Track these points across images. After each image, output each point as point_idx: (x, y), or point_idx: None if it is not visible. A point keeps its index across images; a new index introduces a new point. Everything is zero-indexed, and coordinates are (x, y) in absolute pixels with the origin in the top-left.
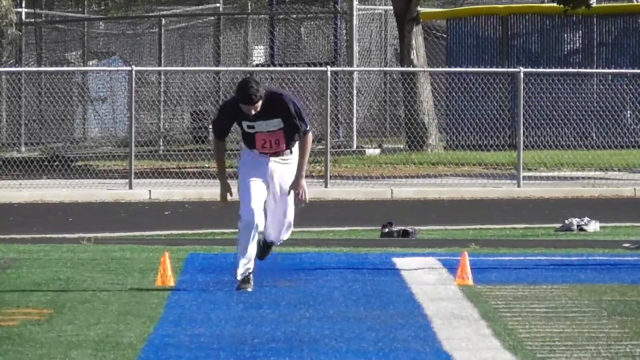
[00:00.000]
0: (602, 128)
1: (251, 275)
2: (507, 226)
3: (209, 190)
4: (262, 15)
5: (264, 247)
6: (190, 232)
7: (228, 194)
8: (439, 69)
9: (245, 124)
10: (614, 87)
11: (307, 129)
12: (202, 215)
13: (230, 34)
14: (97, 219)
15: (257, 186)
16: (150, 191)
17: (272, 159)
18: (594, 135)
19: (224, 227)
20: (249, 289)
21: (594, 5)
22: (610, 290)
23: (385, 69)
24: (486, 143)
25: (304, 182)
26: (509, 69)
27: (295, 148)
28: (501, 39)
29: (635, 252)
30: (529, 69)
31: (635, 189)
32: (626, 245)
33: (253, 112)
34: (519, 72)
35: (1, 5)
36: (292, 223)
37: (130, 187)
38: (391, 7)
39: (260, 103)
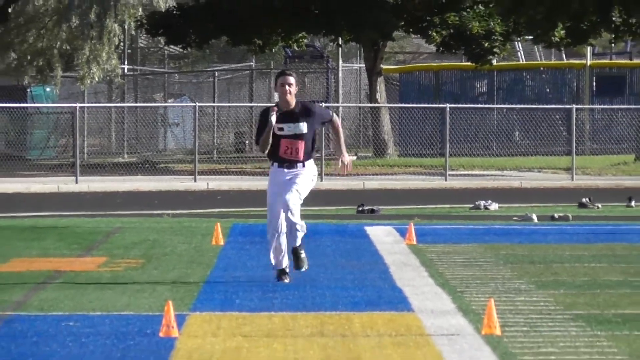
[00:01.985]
0: (500, 143)
1: (287, 270)
2: (438, 206)
3: (246, 183)
4: (280, 70)
5: (295, 257)
6: (233, 210)
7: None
8: (394, 105)
9: (276, 126)
10: (507, 116)
11: (332, 114)
12: (241, 199)
13: (259, 82)
14: (173, 202)
15: (276, 199)
16: (208, 183)
17: (287, 172)
18: (494, 147)
19: (256, 207)
20: (286, 281)
21: (495, 63)
22: (505, 248)
23: (360, 105)
24: (425, 153)
25: (347, 156)
26: (440, 105)
27: (308, 163)
28: (434, 86)
29: (520, 223)
30: (453, 105)
31: (521, 182)
32: (515, 218)
33: (288, 88)
34: (446, 107)
35: (111, 64)
36: (298, 227)
37: (195, 181)
38: (363, 65)
39: (294, 84)
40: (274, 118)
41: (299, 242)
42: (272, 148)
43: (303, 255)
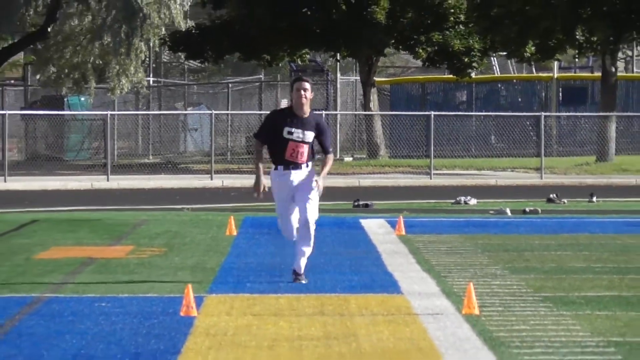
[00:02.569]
0: (478, 146)
1: (303, 272)
2: (424, 201)
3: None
4: (285, 82)
5: (295, 276)
6: (245, 204)
7: (260, 187)
8: (386, 112)
9: (286, 129)
10: (484, 123)
11: (330, 150)
12: (252, 195)
13: (268, 92)
14: (192, 197)
15: (285, 210)
16: (222, 181)
17: (292, 172)
18: (473, 149)
19: (265, 202)
20: (303, 281)
21: (473, 76)
22: (482, 238)
23: (355, 112)
24: (412, 154)
25: (322, 181)
26: (425, 112)
27: (310, 164)
28: (421, 96)
29: (496, 216)
30: (437, 113)
31: (496, 180)
32: (491, 212)
33: (304, 93)
34: (431, 114)
35: (138, 76)
36: (313, 225)
37: (211, 179)
38: (359, 77)
39: (310, 90)
40: (277, 170)
41: (303, 265)
42: (278, 150)
43: (305, 262)
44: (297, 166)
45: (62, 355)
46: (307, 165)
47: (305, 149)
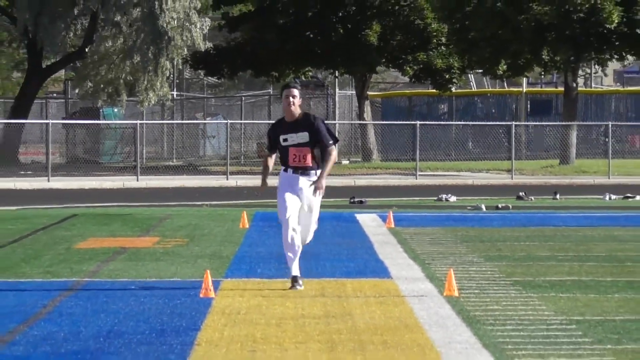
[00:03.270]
0: (457, 151)
1: (299, 276)
2: (411, 198)
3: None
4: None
5: (293, 281)
6: (256, 201)
7: (263, 187)
8: (378, 122)
9: (281, 137)
10: (463, 131)
11: (330, 143)
12: (263, 194)
13: (276, 105)
14: (210, 195)
15: (291, 199)
16: (237, 181)
17: (300, 177)
18: (453, 154)
19: (273, 199)
20: (298, 288)
21: (453, 90)
22: (461, 230)
23: (352, 122)
24: (400, 158)
25: (323, 182)
26: (412, 122)
27: (319, 172)
28: (408, 107)
29: (472, 211)
30: (421, 122)
31: (473, 181)
32: (468, 208)
33: (292, 100)
34: (417, 123)
35: (164, 91)
36: (315, 229)
37: (227, 179)
38: (354, 92)
39: (299, 96)
40: (287, 172)
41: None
42: (284, 158)
43: (298, 286)
44: (305, 172)
45: (97, 331)
46: (316, 174)
47: (307, 152)
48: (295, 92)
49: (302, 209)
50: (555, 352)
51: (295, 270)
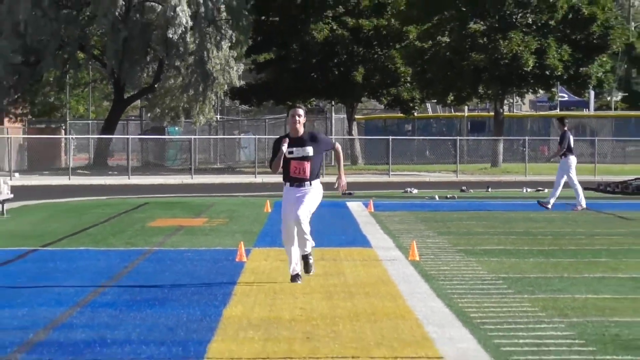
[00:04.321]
0: (418, 157)
1: (299, 275)
2: (385, 191)
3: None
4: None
5: (305, 262)
6: (277, 193)
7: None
8: (362, 137)
9: (287, 150)
10: (422, 143)
11: (334, 142)
12: (281, 188)
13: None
14: (243, 189)
15: (287, 225)
16: (262, 179)
17: (297, 189)
18: (415, 159)
19: None
20: (299, 282)
21: (415, 115)
22: (421, 213)
23: (343, 137)
24: (378, 162)
25: (344, 177)
26: (386, 137)
27: (315, 182)
28: (383, 127)
29: (429, 200)
30: (393, 137)
31: (429, 178)
32: (426, 198)
33: (298, 119)
34: (389, 138)
35: (210, 115)
36: (307, 236)
37: (255, 177)
38: (345, 115)
39: (304, 117)
40: (285, 147)
41: (308, 250)
42: (284, 169)
43: (311, 261)
44: (301, 184)
45: (163, 284)
46: (311, 184)
47: (307, 166)
48: (300, 112)
49: (293, 208)
50: (488, 299)
51: (294, 271)
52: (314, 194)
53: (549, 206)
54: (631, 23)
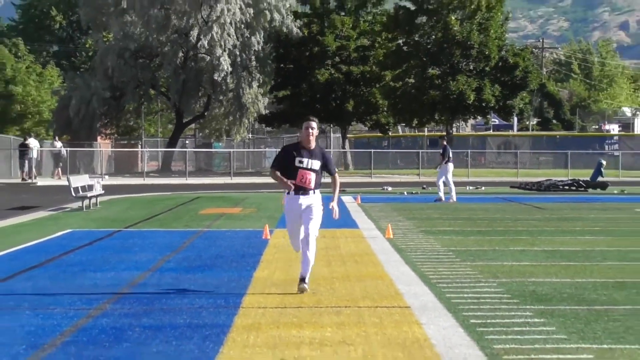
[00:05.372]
0: (392, 165)
1: (306, 280)
2: (369, 188)
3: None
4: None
5: (301, 281)
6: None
7: (289, 183)
8: (352, 150)
9: (297, 159)
10: (395, 155)
11: (334, 171)
12: (286, 191)
13: None
14: (267, 187)
15: (294, 229)
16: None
17: (300, 197)
18: (390, 166)
19: None
20: (307, 289)
21: (390, 134)
22: (394, 205)
23: (340, 150)
24: (364, 168)
25: (336, 205)
26: (369, 150)
27: (317, 191)
28: (367, 143)
29: (400, 195)
30: (375, 150)
31: (400, 179)
32: (398, 193)
33: (311, 131)
34: (371, 151)
35: (245, 134)
36: (313, 238)
37: None
38: (340, 135)
39: (317, 130)
40: (289, 194)
41: (308, 273)
42: (290, 177)
43: (306, 285)
44: (305, 192)
45: (210, 255)
46: (314, 192)
47: (312, 176)
48: (314, 125)
49: (302, 222)
50: (441, 265)
51: (304, 273)
52: (318, 207)
53: (453, 199)
54: (543, 69)
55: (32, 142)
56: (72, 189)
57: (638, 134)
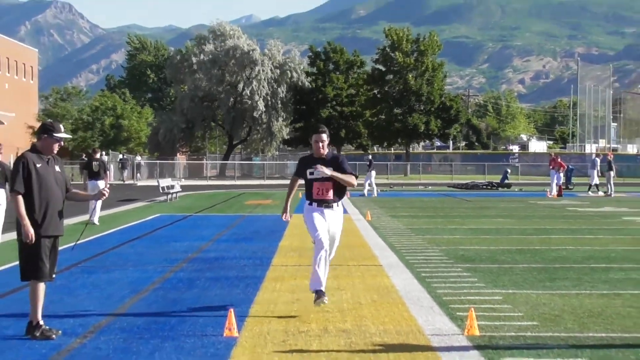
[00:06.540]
0: (377, 173)
1: (323, 292)
2: (361, 191)
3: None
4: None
5: (317, 295)
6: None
7: (287, 215)
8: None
9: (308, 171)
10: (378, 167)
11: (351, 171)
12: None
13: None
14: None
15: (319, 220)
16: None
17: (325, 210)
18: (372, 174)
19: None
20: (325, 301)
21: (369, 151)
22: (375, 199)
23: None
24: (358, 174)
25: (331, 172)
26: (355, 162)
27: (340, 204)
28: (354, 158)
29: (380, 193)
30: (359, 162)
31: (376, 181)
32: (381, 190)
33: (321, 144)
34: (356, 163)
35: (273, 152)
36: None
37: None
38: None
39: (327, 140)
40: (312, 205)
41: (324, 286)
42: (308, 190)
43: (325, 299)
44: (328, 205)
45: (249, 232)
46: (338, 205)
47: (330, 187)
48: (324, 136)
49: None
50: (402, 237)
51: (320, 285)
52: (341, 224)
53: (374, 194)
54: (469, 109)
55: (104, 157)
56: (160, 188)
57: (531, 152)
